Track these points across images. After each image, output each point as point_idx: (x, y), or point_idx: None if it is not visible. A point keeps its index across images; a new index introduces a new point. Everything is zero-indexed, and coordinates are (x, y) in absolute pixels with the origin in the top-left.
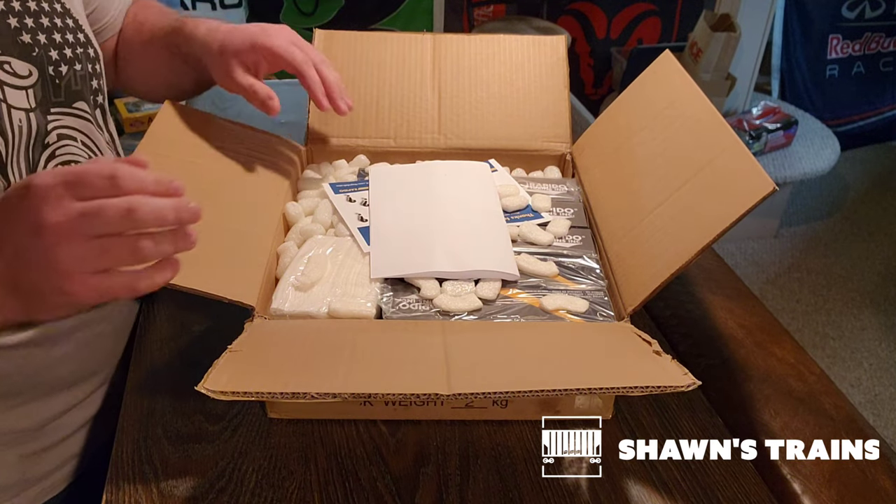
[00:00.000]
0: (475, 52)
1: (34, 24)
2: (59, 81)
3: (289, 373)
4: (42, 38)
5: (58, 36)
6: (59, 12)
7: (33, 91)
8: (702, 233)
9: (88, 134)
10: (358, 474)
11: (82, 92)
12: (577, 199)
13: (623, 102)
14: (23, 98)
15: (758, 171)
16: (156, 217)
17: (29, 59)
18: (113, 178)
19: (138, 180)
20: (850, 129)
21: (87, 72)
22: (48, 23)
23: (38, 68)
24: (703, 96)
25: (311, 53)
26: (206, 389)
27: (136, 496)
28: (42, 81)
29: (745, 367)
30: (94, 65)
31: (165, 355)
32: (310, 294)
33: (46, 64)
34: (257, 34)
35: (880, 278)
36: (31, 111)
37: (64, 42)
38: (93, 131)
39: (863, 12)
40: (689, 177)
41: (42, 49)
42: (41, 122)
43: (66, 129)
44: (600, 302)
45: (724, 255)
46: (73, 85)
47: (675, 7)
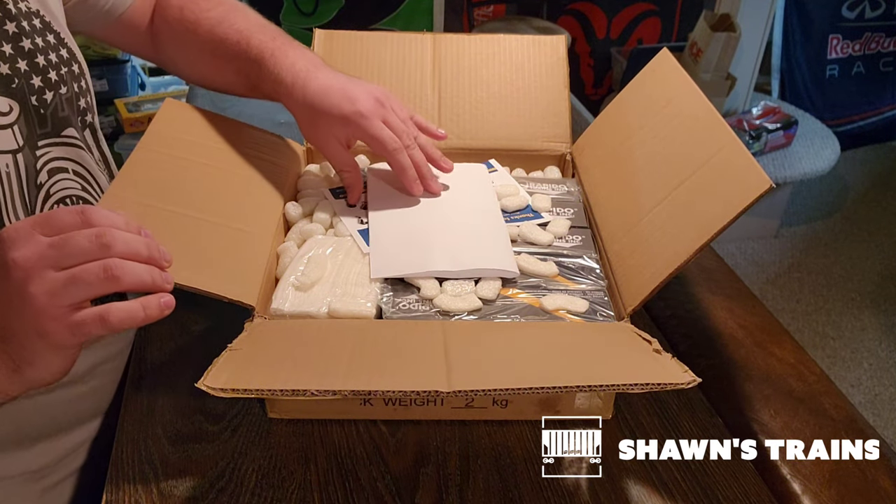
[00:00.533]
0: (475, 52)
1: (13, 51)
2: (45, 111)
3: (289, 370)
4: (22, 65)
5: (41, 59)
6: (39, 29)
7: (17, 128)
8: (700, 231)
9: (79, 161)
10: (358, 474)
11: (69, 118)
12: (577, 199)
13: (622, 102)
14: (9, 138)
15: (755, 169)
16: (127, 246)
17: (8, 93)
18: (83, 214)
19: (108, 216)
20: (850, 129)
21: (73, 92)
22: (30, 45)
23: (18, 101)
24: (701, 94)
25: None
26: (206, 386)
27: (136, 496)
28: (25, 114)
29: (745, 367)
30: (79, 82)
31: (165, 355)
32: (310, 294)
33: (28, 94)
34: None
35: (880, 278)
36: (19, 151)
37: (48, 64)
38: (83, 156)
39: (863, 12)
40: (688, 175)
41: (23, 78)
42: (30, 161)
43: (57, 162)
44: (600, 302)
45: (724, 255)
46: (60, 111)
47: (675, 7)
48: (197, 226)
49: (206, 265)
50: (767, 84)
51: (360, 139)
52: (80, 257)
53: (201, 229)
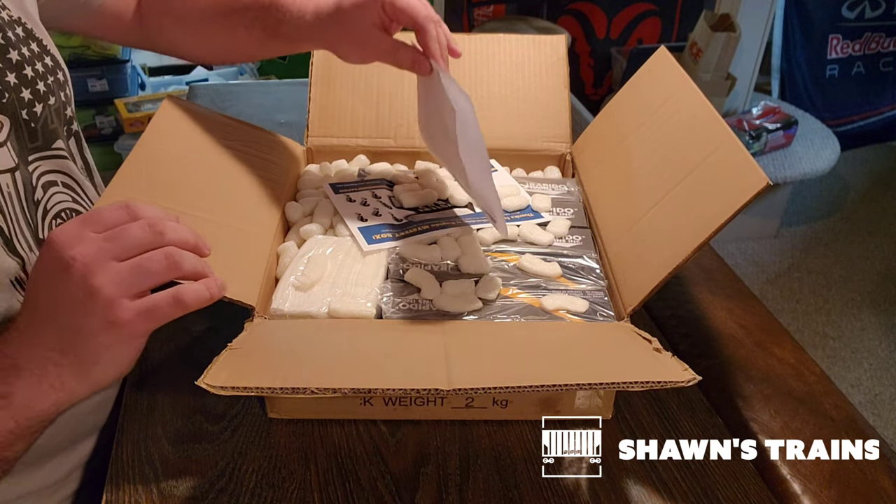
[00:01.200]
0: (475, 52)
1: (1, 64)
2: (35, 124)
3: (289, 369)
4: (11, 77)
5: (28, 70)
6: (23, 38)
7: (10, 144)
8: (698, 231)
9: (67, 172)
10: (358, 474)
11: (58, 129)
12: (577, 199)
13: (620, 101)
14: (5, 157)
15: (752, 167)
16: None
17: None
18: (128, 208)
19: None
20: (850, 129)
21: (60, 102)
22: (17, 56)
23: (9, 116)
24: (698, 92)
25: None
26: (206, 385)
27: (136, 496)
28: (16, 130)
29: (745, 367)
30: (64, 91)
31: (165, 355)
32: (310, 294)
33: (19, 108)
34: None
35: (880, 278)
36: (16, 169)
37: (35, 75)
38: (70, 167)
39: (863, 12)
40: (685, 174)
41: (13, 91)
42: (27, 178)
43: (48, 176)
44: (600, 302)
45: (724, 255)
46: (50, 123)
47: (675, 7)
48: (197, 224)
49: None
50: (767, 84)
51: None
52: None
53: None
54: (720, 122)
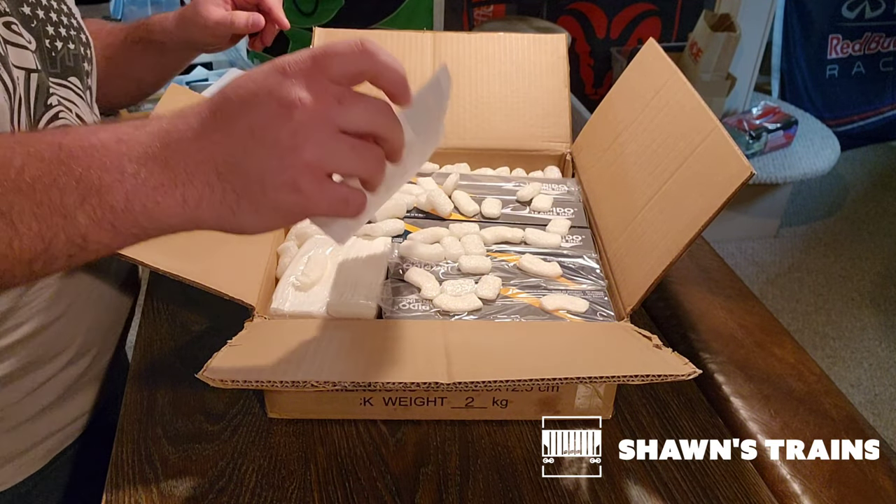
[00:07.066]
0: (475, 51)
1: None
2: (56, 55)
3: (288, 364)
4: (40, 13)
5: (54, 15)
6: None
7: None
8: (688, 226)
9: (81, 109)
10: (358, 474)
11: (76, 69)
12: (577, 198)
13: (613, 98)
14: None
15: (736, 157)
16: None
17: (28, 29)
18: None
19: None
20: (850, 129)
21: (80, 53)
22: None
23: (35, 38)
24: (685, 81)
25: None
26: (206, 377)
27: (135, 496)
28: (40, 51)
29: (745, 367)
30: (86, 49)
31: (165, 355)
32: (310, 294)
33: (43, 37)
34: None
35: (880, 278)
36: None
37: (59, 22)
38: (84, 109)
39: (863, 12)
40: (676, 168)
41: (40, 23)
42: (43, 84)
43: (64, 100)
44: (600, 302)
45: (724, 255)
46: (67, 61)
47: (675, 7)
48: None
49: (207, 262)
50: (767, 84)
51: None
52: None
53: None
54: (706, 112)
